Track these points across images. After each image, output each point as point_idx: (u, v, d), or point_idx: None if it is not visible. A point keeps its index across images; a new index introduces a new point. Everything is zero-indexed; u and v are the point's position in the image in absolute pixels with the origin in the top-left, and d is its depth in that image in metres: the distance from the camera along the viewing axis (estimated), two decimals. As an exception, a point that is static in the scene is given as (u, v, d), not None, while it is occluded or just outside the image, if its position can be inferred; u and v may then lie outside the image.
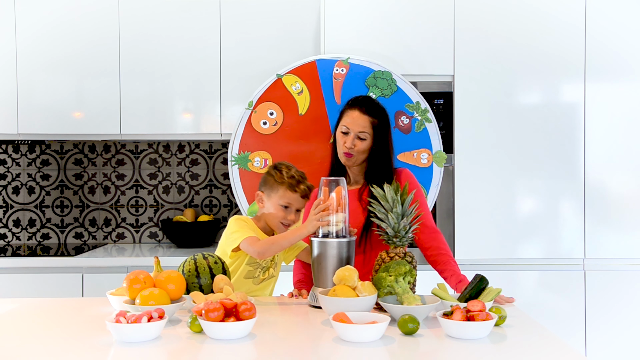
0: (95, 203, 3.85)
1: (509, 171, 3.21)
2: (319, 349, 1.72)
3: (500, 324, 1.88)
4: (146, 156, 3.85)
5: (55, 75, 3.43)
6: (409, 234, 2.10)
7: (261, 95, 3.16)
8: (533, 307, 3.07)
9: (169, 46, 3.43)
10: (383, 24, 3.24)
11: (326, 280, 2.11)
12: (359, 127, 2.35)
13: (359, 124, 2.36)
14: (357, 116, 2.37)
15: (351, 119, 2.37)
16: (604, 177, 3.22)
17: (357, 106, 2.39)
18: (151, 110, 3.44)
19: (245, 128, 3.16)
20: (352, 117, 2.37)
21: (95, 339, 1.75)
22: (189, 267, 2.14)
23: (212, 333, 1.73)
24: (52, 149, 3.84)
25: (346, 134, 2.37)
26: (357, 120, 2.36)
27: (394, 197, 2.08)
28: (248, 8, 3.43)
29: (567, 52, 3.21)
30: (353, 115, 2.37)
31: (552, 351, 1.67)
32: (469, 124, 3.21)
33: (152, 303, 1.88)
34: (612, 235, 3.22)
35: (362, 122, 2.36)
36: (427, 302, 1.97)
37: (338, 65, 3.15)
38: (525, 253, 3.22)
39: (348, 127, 2.36)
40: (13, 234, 3.85)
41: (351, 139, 2.35)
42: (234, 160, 3.15)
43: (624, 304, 3.20)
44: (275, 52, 3.42)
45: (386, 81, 3.12)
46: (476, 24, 3.23)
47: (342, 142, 2.37)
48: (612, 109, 3.22)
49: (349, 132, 2.36)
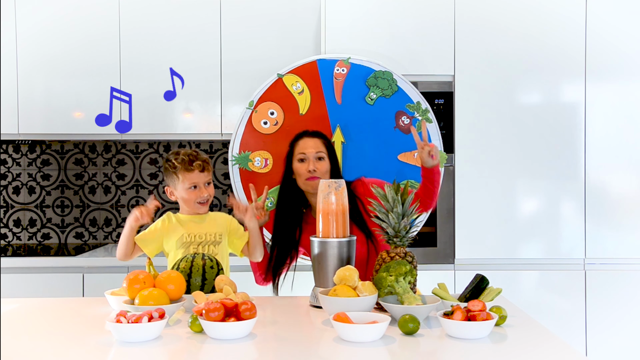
0: (95, 203, 3.85)
1: (510, 171, 3.21)
2: (320, 348, 1.72)
3: (501, 324, 1.88)
4: (147, 156, 3.85)
5: (55, 75, 3.43)
6: (409, 234, 2.10)
7: (262, 95, 3.16)
8: (533, 307, 3.06)
9: (169, 46, 3.43)
10: (384, 23, 3.24)
11: (327, 280, 2.11)
12: (315, 149, 2.47)
13: (313, 146, 2.47)
14: (308, 140, 2.49)
15: (304, 145, 2.48)
16: (605, 177, 3.22)
17: (304, 135, 2.52)
18: (151, 110, 3.44)
19: (245, 128, 3.15)
20: (304, 144, 2.49)
21: (96, 339, 1.75)
22: (184, 264, 2.15)
23: (213, 333, 1.73)
24: (52, 149, 3.84)
25: (303, 161, 2.46)
26: (310, 143, 2.48)
27: (395, 197, 2.08)
28: (248, 7, 3.43)
29: (568, 52, 3.21)
30: (304, 142, 2.49)
31: (552, 351, 1.67)
32: (470, 124, 3.20)
33: (151, 303, 1.88)
34: (612, 236, 3.22)
35: (315, 145, 2.48)
36: (427, 302, 1.97)
37: (339, 65, 3.15)
38: (525, 253, 3.22)
39: (304, 153, 2.46)
40: (13, 233, 3.85)
41: (311, 162, 2.44)
42: (235, 160, 3.15)
43: (625, 304, 3.19)
44: (275, 52, 3.42)
45: (387, 81, 3.12)
46: (477, 24, 3.23)
47: (302, 170, 2.45)
48: (613, 109, 3.22)
49: (306, 158, 2.46)
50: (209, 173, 2.44)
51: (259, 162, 3.16)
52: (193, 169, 2.38)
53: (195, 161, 2.39)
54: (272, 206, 3.14)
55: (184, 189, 2.39)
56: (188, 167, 2.38)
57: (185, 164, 2.38)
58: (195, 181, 2.39)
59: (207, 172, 2.43)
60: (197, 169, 2.39)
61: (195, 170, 2.39)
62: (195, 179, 2.39)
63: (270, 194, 3.17)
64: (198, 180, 2.40)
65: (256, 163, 3.16)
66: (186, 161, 2.39)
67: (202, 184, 2.41)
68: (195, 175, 2.39)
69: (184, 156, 2.40)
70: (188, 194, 2.39)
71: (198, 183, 2.40)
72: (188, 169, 2.38)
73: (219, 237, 2.43)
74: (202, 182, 2.40)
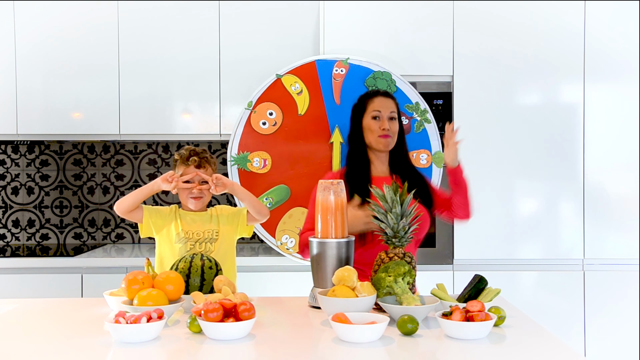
0: (94, 203, 3.85)
1: (508, 172, 3.22)
2: (318, 349, 1.72)
3: (500, 324, 1.88)
4: (145, 156, 3.85)
5: (54, 76, 3.43)
6: (408, 235, 2.10)
7: (260, 96, 3.16)
8: (532, 307, 3.07)
9: (168, 46, 3.43)
10: (382, 24, 3.24)
11: (325, 281, 2.11)
12: (389, 109, 2.44)
13: (387, 106, 2.44)
14: (383, 100, 2.45)
15: (379, 103, 2.44)
16: (604, 178, 3.22)
17: (378, 94, 2.47)
18: (150, 111, 3.44)
19: (244, 128, 3.16)
20: (378, 101, 2.44)
21: (95, 340, 1.75)
22: (183, 264, 2.15)
23: (211, 333, 1.73)
24: (51, 150, 3.83)
25: (377, 119, 2.43)
26: (385, 103, 2.44)
27: (393, 197, 2.08)
28: (247, 8, 3.43)
29: (566, 54, 3.22)
30: (380, 101, 2.44)
31: (551, 351, 1.67)
32: (468, 124, 3.20)
33: (150, 304, 1.88)
34: (611, 236, 3.22)
35: (389, 104, 2.45)
36: (426, 302, 1.97)
37: (337, 66, 3.15)
38: (524, 253, 3.22)
39: (379, 111, 2.43)
40: (12, 234, 3.84)
41: (385, 121, 2.42)
42: (234, 160, 3.15)
43: (623, 304, 3.20)
44: (274, 52, 3.42)
45: (386, 82, 3.12)
46: (475, 25, 3.23)
47: (376, 127, 2.42)
48: (612, 110, 3.22)
49: (380, 116, 2.42)
50: (205, 171, 2.50)
51: (258, 163, 3.16)
52: (189, 164, 2.49)
53: (192, 156, 2.49)
54: (272, 206, 3.15)
55: (180, 182, 2.46)
56: (185, 161, 2.50)
57: (183, 158, 2.51)
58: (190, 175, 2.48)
59: (204, 170, 2.50)
60: (193, 164, 2.49)
61: (191, 166, 2.49)
62: (190, 173, 2.48)
63: (270, 194, 3.17)
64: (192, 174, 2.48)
65: (255, 163, 3.16)
66: (185, 155, 2.51)
67: (196, 180, 2.48)
68: (191, 170, 2.49)
69: (185, 151, 2.53)
70: (181, 187, 2.47)
71: (192, 178, 2.47)
72: (185, 164, 2.50)
73: (215, 234, 2.46)
74: (196, 177, 2.47)
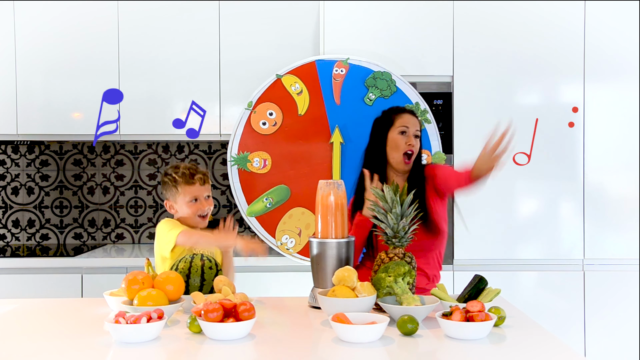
0: (94, 204, 3.84)
1: (508, 172, 3.21)
2: (318, 349, 1.72)
3: (500, 325, 1.88)
4: (145, 157, 3.84)
5: (54, 76, 3.43)
6: (408, 235, 2.10)
7: (260, 96, 3.16)
8: (532, 308, 3.06)
9: (168, 46, 3.43)
10: (382, 24, 3.24)
11: (325, 281, 2.11)
12: (415, 126, 2.46)
13: (414, 123, 2.46)
14: (410, 117, 2.47)
15: (408, 119, 2.46)
16: (603, 178, 3.22)
17: (405, 111, 2.49)
18: (150, 111, 3.44)
19: (244, 128, 3.16)
20: (407, 118, 2.46)
21: (95, 340, 1.75)
22: (183, 265, 2.15)
23: (212, 334, 1.73)
24: (51, 150, 3.83)
25: (404, 134, 2.43)
26: (412, 120, 2.46)
27: (393, 197, 2.08)
28: (247, 8, 3.43)
29: (566, 54, 3.22)
30: (408, 118, 2.46)
31: (551, 351, 1.67)
32: (468, 124, 3.20)
33: (150, 304, 1.88)
34: (611, 236, 3.22)
35: (415, 123, 2.47)
36: (426, 302, 1.98)
37: (337, 66, 3.15)
38: (524, 254, 3.22)
39: (407, 126, 2.44)
40: (12, 234, 3.84)
41: (411, 137, 2.44)
42: (234, 160, 3.15)
43: (623, 304, 3.20)
44: (274, 52, 3.41)
45: (386, 82, 3.12)
46: (475, 25, 3.23)
47: (402, 142, 2.43)
48: (611, 110, 3.22)
49: (407, 132, 2.44)
50: (208, 186, 2.45)
51: (258, 163, 3.16)
52: (194, 182, 2.40)
53: (196, 174, 2.41)
54: (272, 207, 3.15)
55: (184, 202, 2.40)
56: (189, 180, 2.40)
57: (186, 177, 2.40)
58: (196, 194, 2.40)
59: (207, 185, 2.45)
60: (198, 182, 2.41)
61: (196, 184, 2.40)
62: (196, 192, 2.40)
63: (270, 194, 3.18)
64: (199, 193, 2.40)
65: (255, 164, 3.16)
66: (187, 175, 2.41)
67: (203, 197, 2.42)
68: (196, 188, 2.40)
69: (185, 170, 2.42)
70: (189, 207, 2.40)
71: (199, 196, 2.41)
72: (189, 182, 2.40)
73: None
74: (202, 195, 2.41)
